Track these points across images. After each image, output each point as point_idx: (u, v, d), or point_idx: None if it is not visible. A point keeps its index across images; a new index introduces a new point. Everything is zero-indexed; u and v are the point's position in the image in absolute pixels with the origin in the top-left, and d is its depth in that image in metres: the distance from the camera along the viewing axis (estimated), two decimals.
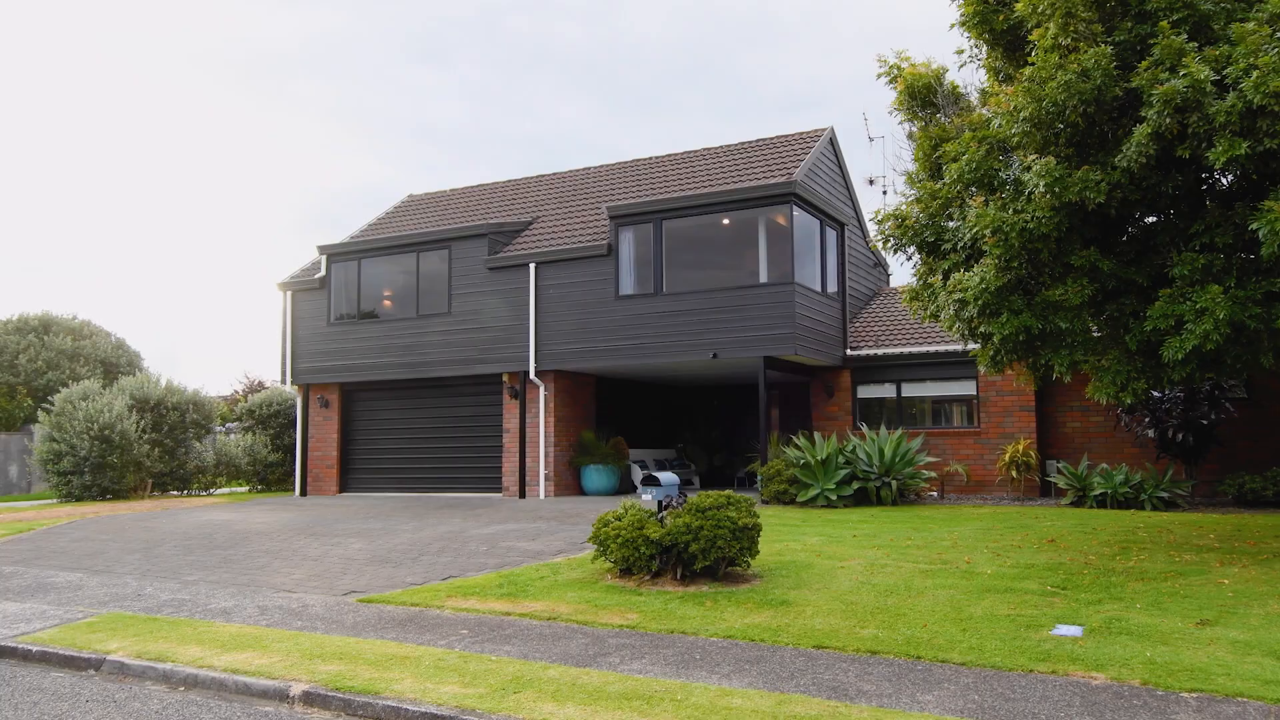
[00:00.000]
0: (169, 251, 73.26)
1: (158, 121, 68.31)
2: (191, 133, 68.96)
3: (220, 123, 69.72)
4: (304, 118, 72.41)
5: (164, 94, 66.53)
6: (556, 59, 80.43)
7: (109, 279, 68.01)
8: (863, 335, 19.21)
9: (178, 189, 72.42)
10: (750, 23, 76.61)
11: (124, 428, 20.33)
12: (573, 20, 73.43)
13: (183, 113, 67.53)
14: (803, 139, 20.35)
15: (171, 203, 72.40)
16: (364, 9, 68.56)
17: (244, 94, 70.73)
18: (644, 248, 17.93)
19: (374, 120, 77.35)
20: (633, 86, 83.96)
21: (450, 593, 8.89)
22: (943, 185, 9.61)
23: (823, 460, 15.31)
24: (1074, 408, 16.88)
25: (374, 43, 73.95)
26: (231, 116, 69.98)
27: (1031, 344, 9.06)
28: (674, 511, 8.99)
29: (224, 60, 66.72)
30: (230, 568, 10.88)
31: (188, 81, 66.05)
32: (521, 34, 73.81)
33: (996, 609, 7.49)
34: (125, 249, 72.24)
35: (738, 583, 8.77)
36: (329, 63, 74.93)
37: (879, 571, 9.04)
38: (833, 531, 12.06)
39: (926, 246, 9.69)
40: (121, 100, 66.68)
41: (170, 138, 69.56)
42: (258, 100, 71.66)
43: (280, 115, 72.27)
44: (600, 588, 8.76)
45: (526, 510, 15.78)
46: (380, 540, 12.51)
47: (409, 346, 19.97)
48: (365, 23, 70.35)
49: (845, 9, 73.98)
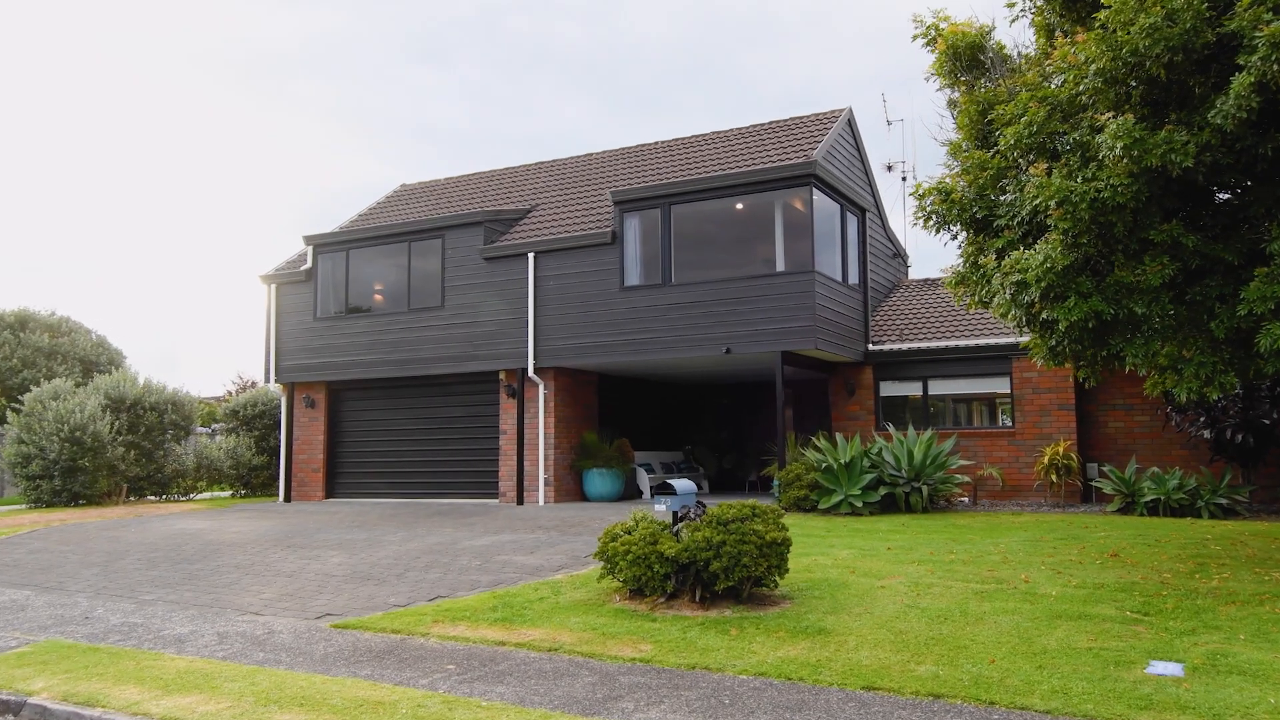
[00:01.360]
0: (168, 252, 72.71)
1: (158, 121, 67.79)
2: (191, 132, 68.50)
3: (220, 123, 69.28)
4: (304, 118, 71.94)
5: (164, 94, 66.01)
6: (557, 59, 79.97)
7: (108, 279, 67.50)
8: (885, 329, 18.22)
9: (177, 189, 71.95)
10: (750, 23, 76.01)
11: (97, 429, 19.36)
12: (573, 20, 72.92)
13: (183, 112, 67.05)
14: (819, 120, 19.36)
15: (171, 203, 71.88)
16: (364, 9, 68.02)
17: (244, 94, 70.26)
18: (651, 235, 16.94)
19: (374, 120, 77.15)
20: (633, 86, 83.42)
21: (437, 616, 7.92)
22: (995, 154, 8.63)
23: (846, 463, 14.32)
24: (1116, 406, 15.88)
25: (374, 43, 73.50)
26: (231, 116, 69.51)
27: (1101, 333, 8.08)
28: (691, 524, 8.02)
29: (224, 60, 66.22)
30: (194, 585, 9.91)
31: (187, 81, 65.56)
32: (522, 34, 73.31)
33: (1073, 639, 6.51)
34: (124, 249, 71.67)
35: (765, 606, 7.79)
36: (329, 63, 74.56)
37: (926, 592, 8.06)
38: (863, 543, 11.08)
39: (976, 223, 8.70)
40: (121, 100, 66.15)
41: (170, 137, 69.09)
42: (258, 100, 71.20)
43: (280, 115, 71.85)
44: (608, 611, 7.78)
45: (524, 518, 14.81)
46: (363, 553, 11.54)
47: (400, 343, 19.00)
48: (365, 23, 69.82)
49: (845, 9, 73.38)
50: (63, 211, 67.77)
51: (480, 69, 79.39)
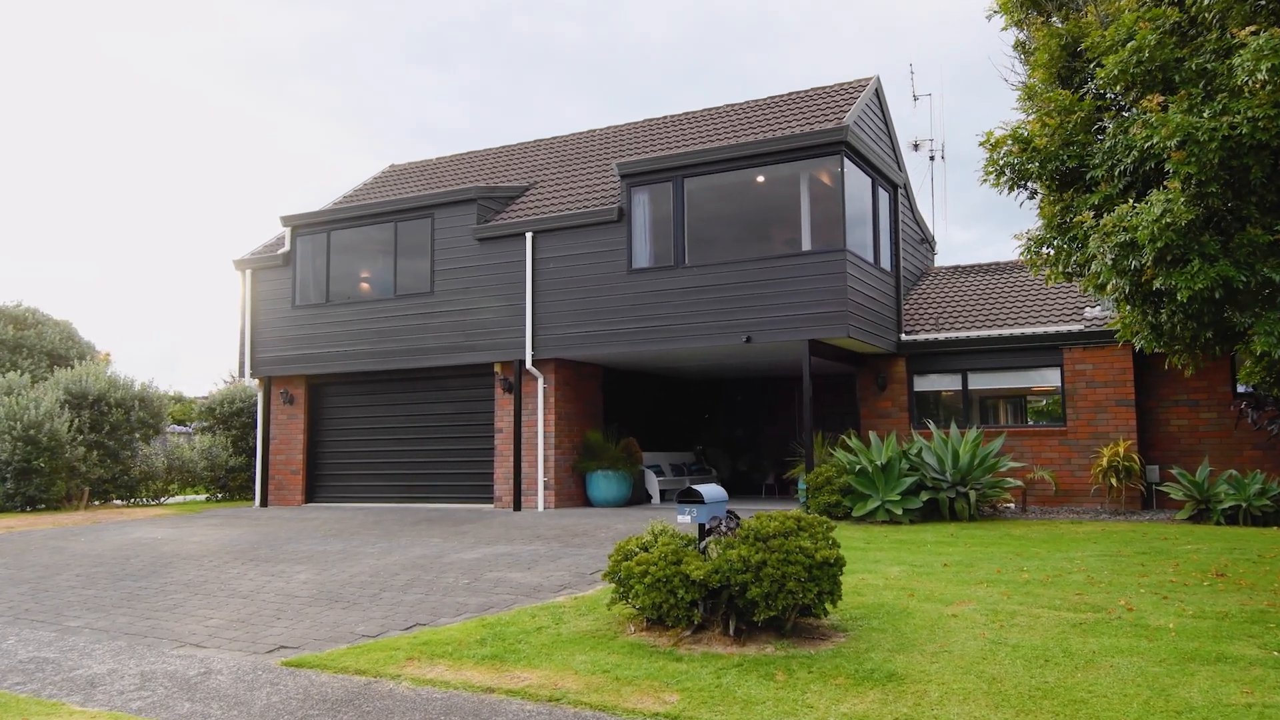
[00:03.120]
0: (168, 253, 71.84)
1: (158, 121, 67.15)
2: (191, 132, 67.97)
3: (220, 122, 68.65)
4: (304, 118, 71.24)
5: (164, 94, 65.36)
6: (557, 59, 79.40)
7: (108, 280, 66.72)
8: (918, 318, 16.89)
9: (177, 189, 71.30)
10: (751, 23, 75.28)
11: (54, 427, 18.04)
12: (573, 20, 72.20)
13: (183, 112, 66.46)
14: (845, 89, 18.02)
15: (170, 203, 71.12)
16: (364, 9, 67.28)
17: (244, 94, 69.60)
18: (662, 212, 15.59)
19: (374, 120, 76.75)
20: (634, 87, 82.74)
21: (413, 652, 6.59)
22: (1084, 94, 7.29)
23: (883, 465, 12.99)
24: (1180, 402, 14.54)
25: (374, 43, 72.89)
26: (231, 116, 68.86)
27: (1221, 307, 6.74)
28: (723, 540, 6.69)
29: (224, 60, 65.46)
30: (132, 607, 8.60)
31: (187, 81, 64.83)
32: (522, 34, 72.65)
33: (1222, 693, 5.17)
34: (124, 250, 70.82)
35: (815, 640, 6.46)
36: (329, 63, 74.03)
37: (1010, 623, 6.72)
38: (912, 558, 9.75)
39: (1062, 176, 7.37)
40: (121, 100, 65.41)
41: (170, 137, 68.52)
42: (258, 100, 70.49)
43: (280, 115, 71.24)
44: (621, 647, 6.45)
45: (522, 526, 13.48)
46: (335, 568, 10.21)
47: (386, 332, 17.67)
48: (365, 23, 69.10)
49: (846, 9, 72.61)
50: (63, 212, 67.05)
51: (480, 69, 78.84)
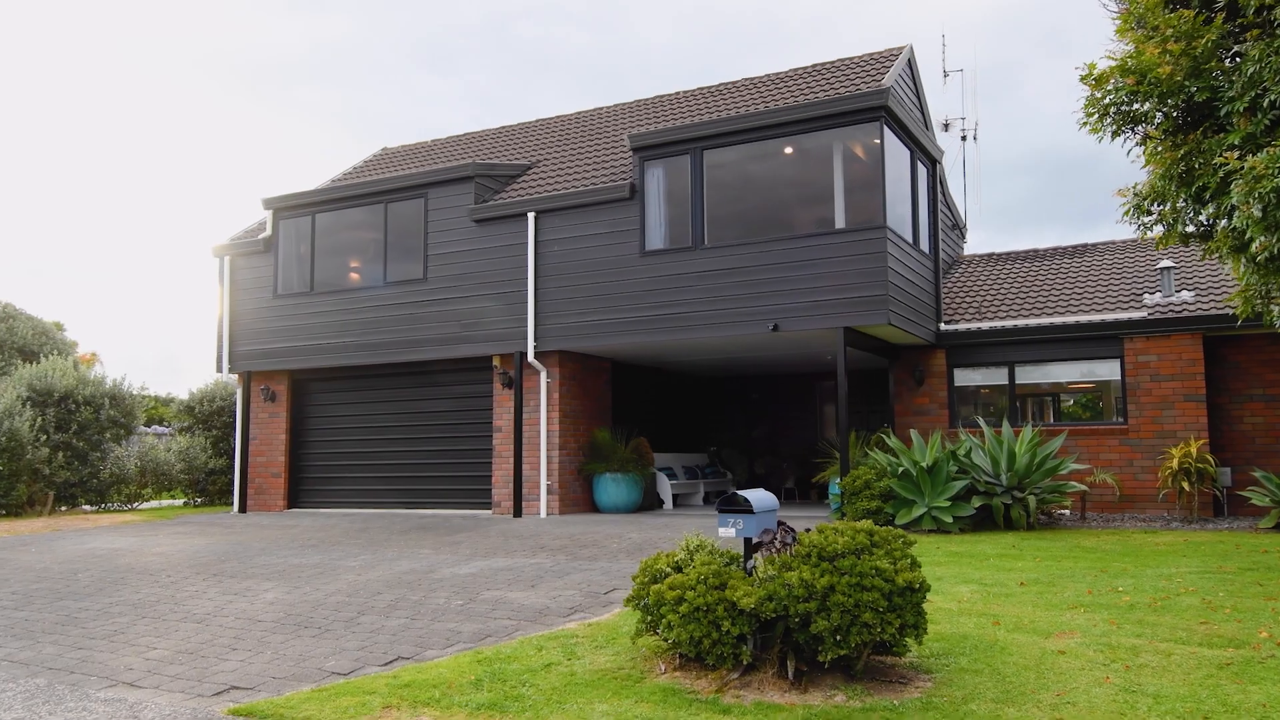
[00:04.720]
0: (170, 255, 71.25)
1: (164, 125, 66.89)
2: (198, 137, 67.49)
3: (226, 127, 68.13)
4: (310, 123, 70.55)
5: (171, 98, 64.89)
6: (562, 65, 79.13)
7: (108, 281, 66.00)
8: (957, 307, 15.64)
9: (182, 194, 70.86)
10: (755, 28, 75.00)
11: (15, 425, 16.80)
12: (578, 26, 71.68)
13: (189, 117, 65.96)
14: (875, 60, 16.77)
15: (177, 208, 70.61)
16: (370, 16, 66.76)
17: (250, 99, 69.03)
18: (679, 189, 14.36)
19: (379, 126, 76.61)
20: (639, 92, 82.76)
21: (391, 697, 5.36)
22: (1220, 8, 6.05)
23: (929, 467, 11.75)
24: (1254, 397, 13.30)
25: (380, 49, 72.43)
26: (238, 121, 68.23)
27: None
28: (777, 559, 5.45)
29: (230, 66, 64.84)
30: (65, 634, 7.37)
31: (194, 86, 64.24)
32: (527, 41, 72.26)
33: None
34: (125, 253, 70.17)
35: (894, 685, 5.22)
36: (335, 69, 73.62)
37: (1137, 664, 5.47)
38: (979, 574, 8.51)
39: (1191, 112, 6.11)
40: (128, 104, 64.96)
41: (177, 142, 68.30)
42: (264, 106, 69.85)
43: (287, 121, 70.55)
44: (651, 692, 5.22)
45: (523, 535, 12.24)
46: (309, 585, 8.98)
47: (375, 323, 16.44)
48: (372, 30, 68.72)
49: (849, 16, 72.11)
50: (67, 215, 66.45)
51: (485, 75, 78.57)
